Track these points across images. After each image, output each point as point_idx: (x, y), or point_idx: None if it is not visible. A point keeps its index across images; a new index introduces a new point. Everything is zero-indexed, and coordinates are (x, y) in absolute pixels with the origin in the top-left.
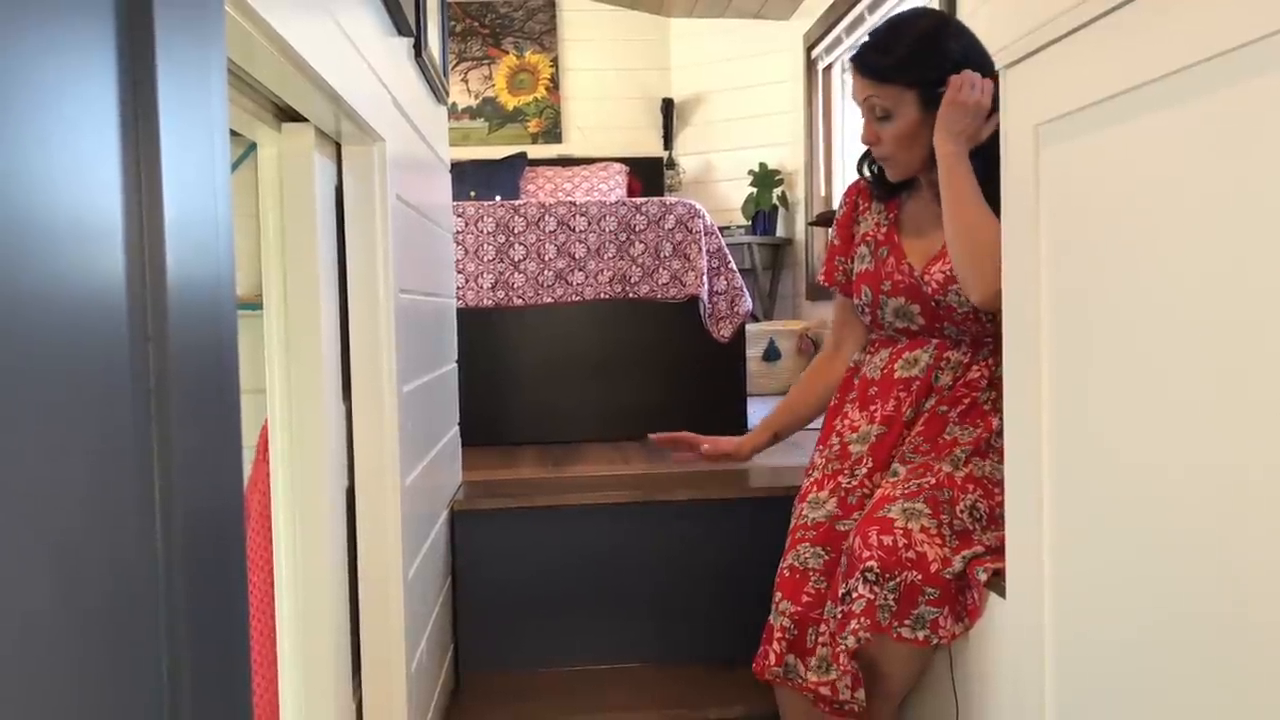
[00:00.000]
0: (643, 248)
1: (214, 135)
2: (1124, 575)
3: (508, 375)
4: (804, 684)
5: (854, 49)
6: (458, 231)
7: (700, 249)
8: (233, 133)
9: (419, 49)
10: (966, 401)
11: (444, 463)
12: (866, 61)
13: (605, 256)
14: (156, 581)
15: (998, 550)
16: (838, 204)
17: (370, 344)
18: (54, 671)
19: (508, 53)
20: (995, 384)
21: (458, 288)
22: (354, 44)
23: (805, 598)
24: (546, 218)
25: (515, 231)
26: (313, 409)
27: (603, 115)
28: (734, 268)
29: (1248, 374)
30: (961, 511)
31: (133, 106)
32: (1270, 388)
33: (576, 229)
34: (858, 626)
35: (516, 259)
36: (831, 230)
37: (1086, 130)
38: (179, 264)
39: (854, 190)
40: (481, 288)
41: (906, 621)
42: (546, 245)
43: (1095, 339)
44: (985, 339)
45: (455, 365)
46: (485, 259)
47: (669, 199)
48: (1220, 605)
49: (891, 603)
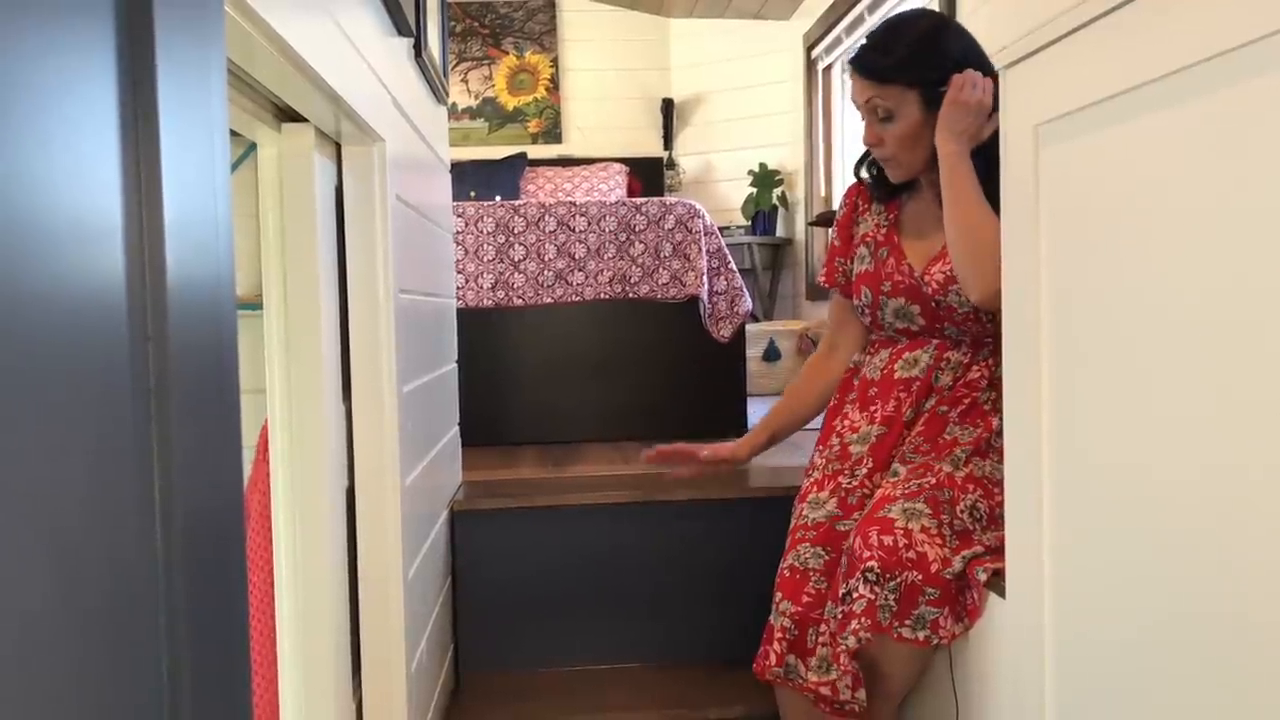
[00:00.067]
0: (643, 248)
1: (214, 135)
2: (1124, 575)
3: (508, 375)
4: (804, 684)
5: (854, 49)
6: (458, 232)
7: (700, 249)
8: (233, 133)
9: (419, 49)
10: (967, 402)
11: (444, 463)
12: (867, 63)
13: (605, 257)
14: (156, 581)
15: (998, 550)
16: (838, 204)
17: (370, 344)
18: (54, 671)
19: (508, 53)
20: (995, 384)
21: (458, 288)
22: (354, 44)
23: (806, 598)
24: (546, 218)
25: (515, 232)
26: (313, 409)
27: (603, 115)
28: (734, 268)
29: (1248, 373)
30: (962, 511)
31: (133, 107)
32: (1271, 387)
33: (576, 229)
34: (858, 626)
35: (516, 259)
36: (832, 231)
37: (1086, 130)
38: (179, 264)
39: (854, 191)
40: (481, 288)
41: (907, 622)
42: (546, 245)
43: (1095, 339)
44: (985, 339)
45: (455, 365)
46: (485, 259)
47: (669, 199)
48: (1220, 605)
49: (892, 603)
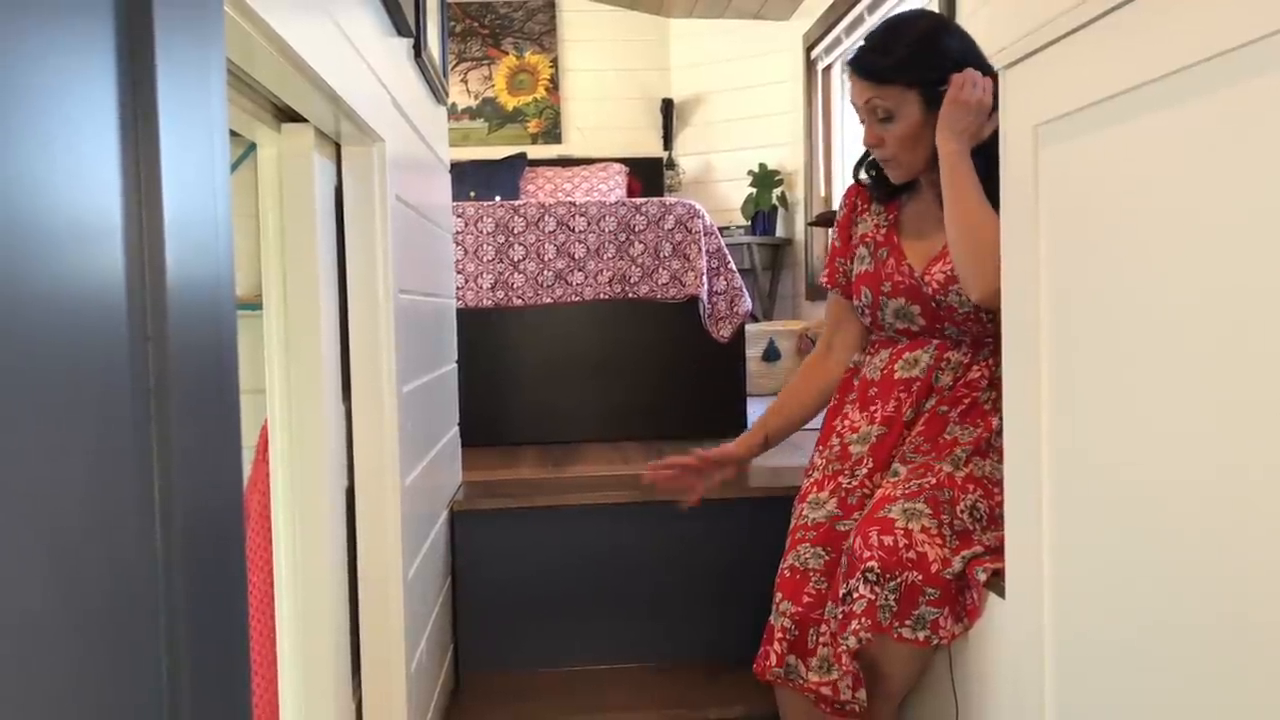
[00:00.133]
0: (642, 248)
1: (213, 135)
2: (1123, 575)
3: (507, 375)
4: (805, 684)
5: (853, 50)
6: (457, 232)
7: (700, 249)
8: (232, 133)
9: (418, 49)
10: (967, 401)
11: (444, 463)
12: (866, 64)
13: (605, 257)
14: (156, 581)
15: (997, 550)
16: (837, 205)
17: (370, 344)
18: (53, 671)
19: (507, 53)
20: (995, 384)
21: (457, 288)
22: (353, 44)
23: (806, 598)
24: (546, 218)
25: (515, 232)
26: (312, 409)
27: (602, 116)
28: (733, 268)
29: (1248, 373)
30: (962, 512)
31: (132, 107)
32: (1271, 387)
33: (576, 229)
34: (859, 627)
35: (516, 259)
36: (833, 231)
37: (1086, 130)
38: (178, 264)
39: (853, 191)
40: (481, 288)
41: (907, 622)
42: (546, 245)
43: (1095, 339)
44: (986, 339)
45: (455, 365)
46: (485, 259)
47: (668, 199)
48: (1220, 605)
49: (892, 603)
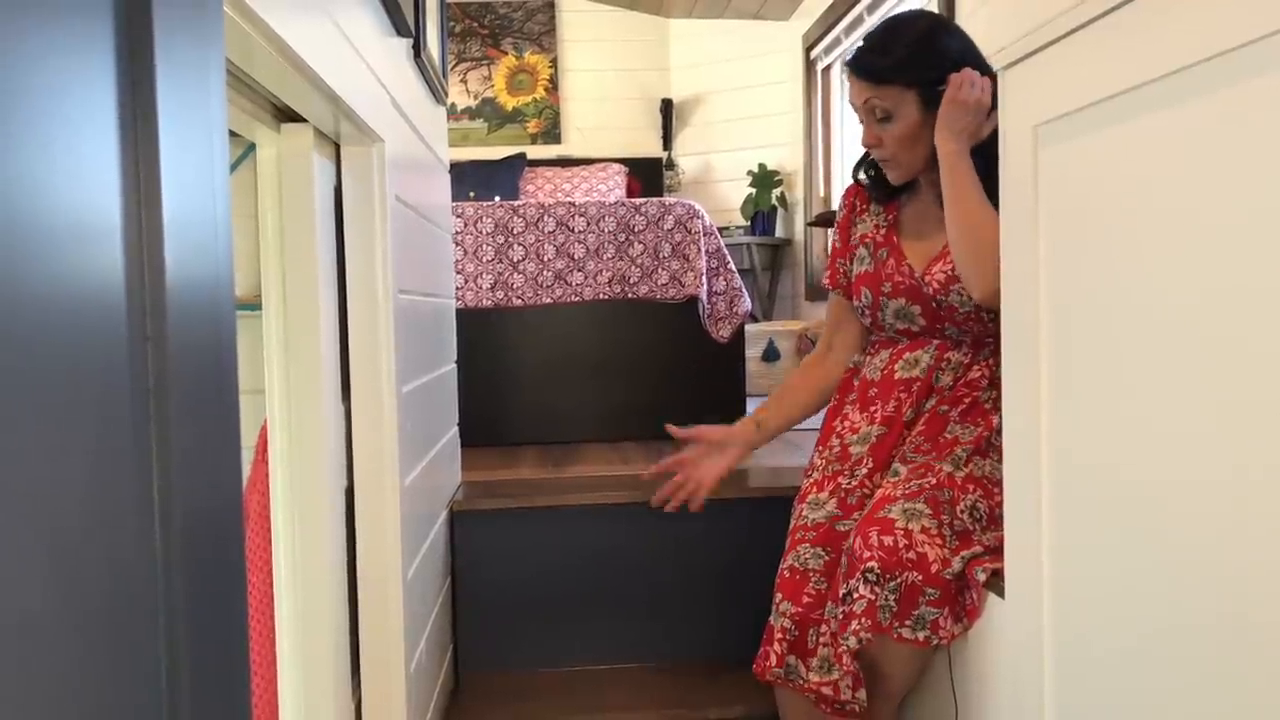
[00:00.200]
0: (642, 248)
1: (213, 136)
2: (1123, 575)
3: (507, 376)
4: (805, 684)
5: (852, 50)
6: (457, 232)
7: (699, 249)
8: (231, 133)
9: (418, 49)
10: (967, 401)
11: (443, 463)
12: (864, 64)
13: (604, 257)
14: (155, 581)
15: (997, 550)
16: (837, 205)
17: (369, 344)
18: (53, 671)
19: (507, 53)
20: (996, 383)
21: (457, 288)
22: (353, 44)
23: (806, 598)
24: (545, 218)
25: (514, 232)
26: (312, 409)
27: (602, 116)
28: (733, 268)
29: (1248, 374)
30: (962, 512)
31: (132, 107)
32: (1272, 388)
33: (575, 230)
34: (859, 627)
35: (515, 260)
36: (833, 232)
37: (1085, 131)
38: (178, 264)
39: (852, 191)
40: (481, 288)
41: (907, 622)
42: (545, 246)
43: (1094, 340)
44: (986, 339)
45: (454, 366)
46: (484, 259)
47: (668, 199)
48: (1220, 605)
49: (892, 603)
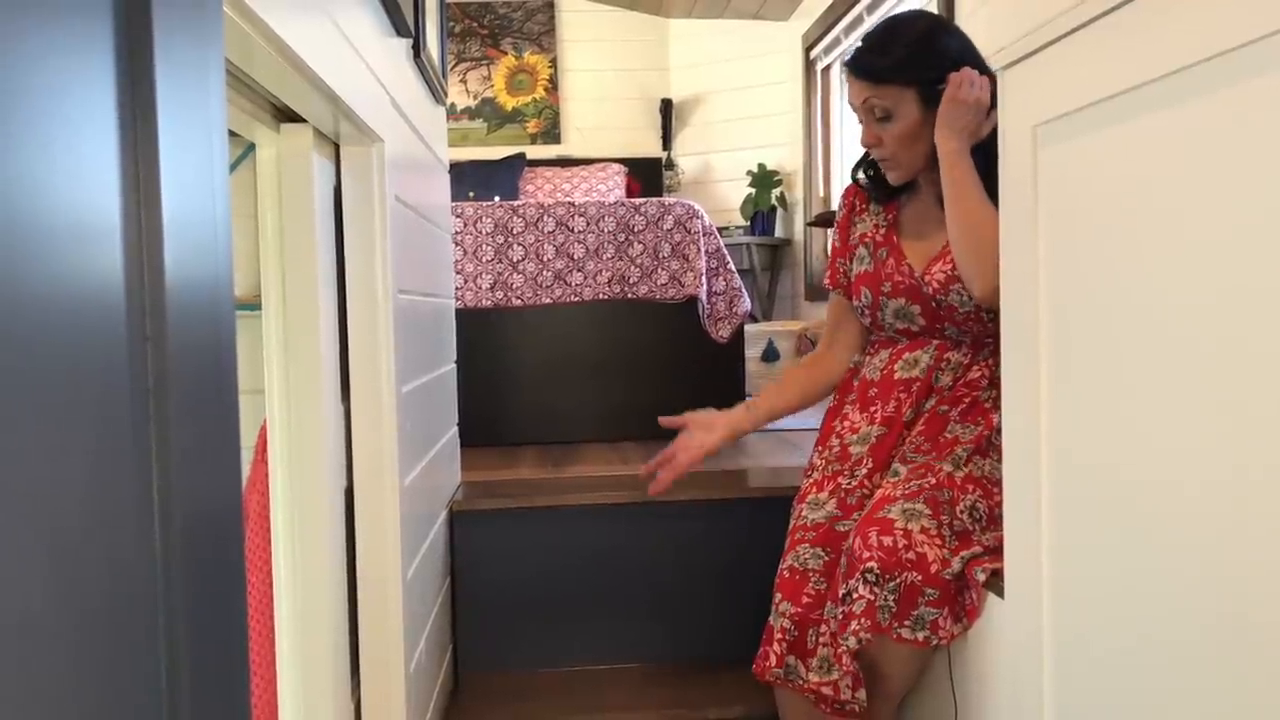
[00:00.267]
0: (641, 248)
1: (212, 136)
2: (1123, 575)
3: (506, 376)
4: (805, 685)
5: (851, 51)
6: (456, 232)
7: (699, 249)
8: (231, 133)
9: (417, 49)
10: (967, 401)
11: (443, 463)
12: (864, 64)
13: (604, 257)
14: (155, 581)
15: (996, 550)
16: (836, 205)
17: (369, 344)
18: (52, 671)
19: (506, 53)
20: (996, 383)
21: (456, 288)
22: (352, 44)
23: (805, 599)
24: (545, 218)
25: (514, 232)
26: (311, 409)
27: (601, 116)
28: (732, 268)
29: (1248, 374)
30: (961, 512)
31: (131, 107)
32: (1271, 387)
33: (575, 230)
34: (858, 627)
35: (515, 260)
36: (833, 232)
37: (1085, 131)
38: (177, 264)
39: (851, 191)
40: (480, 288)
41: (906, 622)
42: (545, 246)
43: (1094, 339)
44: (986, 339)
45: (454, 366)
46: (484, 259)
47: (668, 199)
48: (1219, 605)
49: (891, 603)
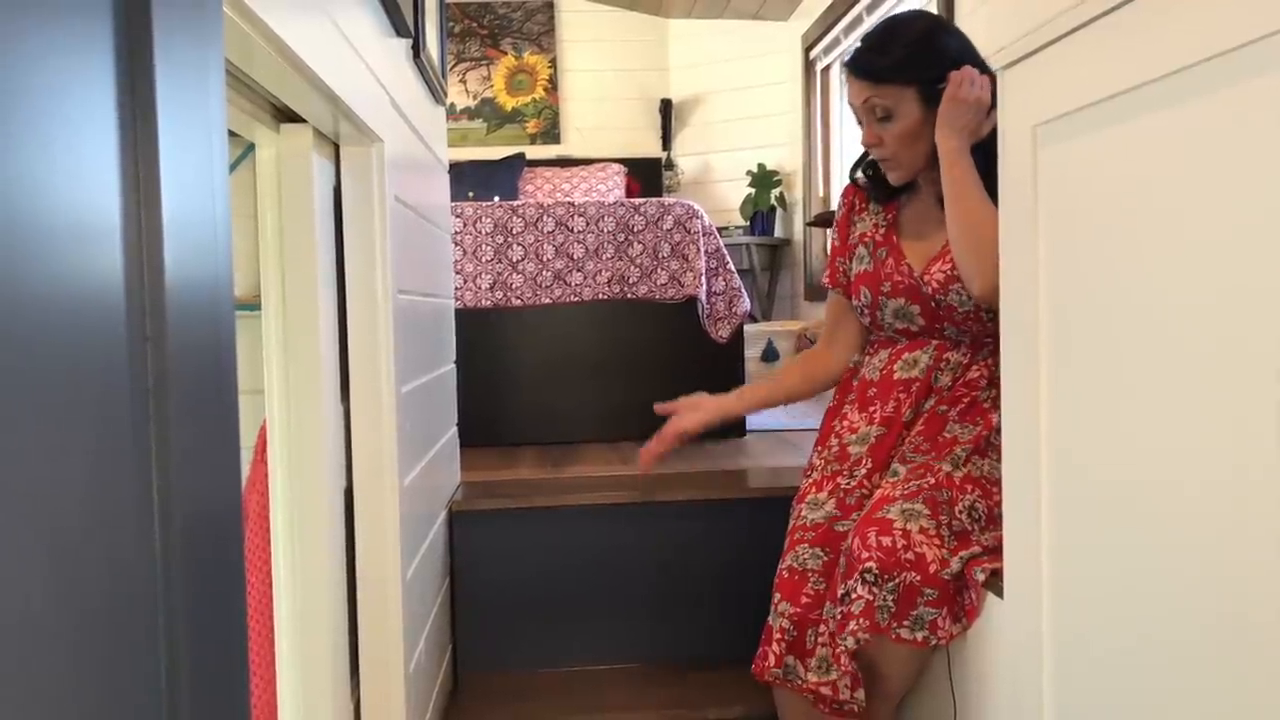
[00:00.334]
0: (641, 248)
1: (212, 136)
2: (1122, 575)
3: (506, 376)
4: (804, 685)
5: (851, 51)
6: (456, 232)
7: (698, 249)
8: (231, 133)
9: (417, 50)
10: (966, 401)
11: (442, 463)
12: (864, 64)
13: (603, 257)
14: (155, 581)
15: (996, 551)
16: (836, 205)
17: (368, 344)
18: (52, 671)
19: (506, 53)
20: (995, 383)
21: (456, 288)
22: (352, 45)
23: (804, 599)
24: (545, 218)
25: (513, 232)
26: (311, 409)
27: (601, 116)
28: (732, 268)
29: (1248, 374)
30: (960, 512)
31: (131, 107)
32: (1271, 388)
33: (575, 230)
34: (857, 627)
35: (515, 260)
36: (832, 231)
37: (1085, 131)
38: (177, 264)
39: (850, 190)
40: (480, 288)
41: (905, 622)
42: (545, 246)
43: (1094, 340)
44: (985, 339)
45: (454, 366)
46: (483, 260)
47: (667, 200)
48: (1219, 605)
49: (890, 603)
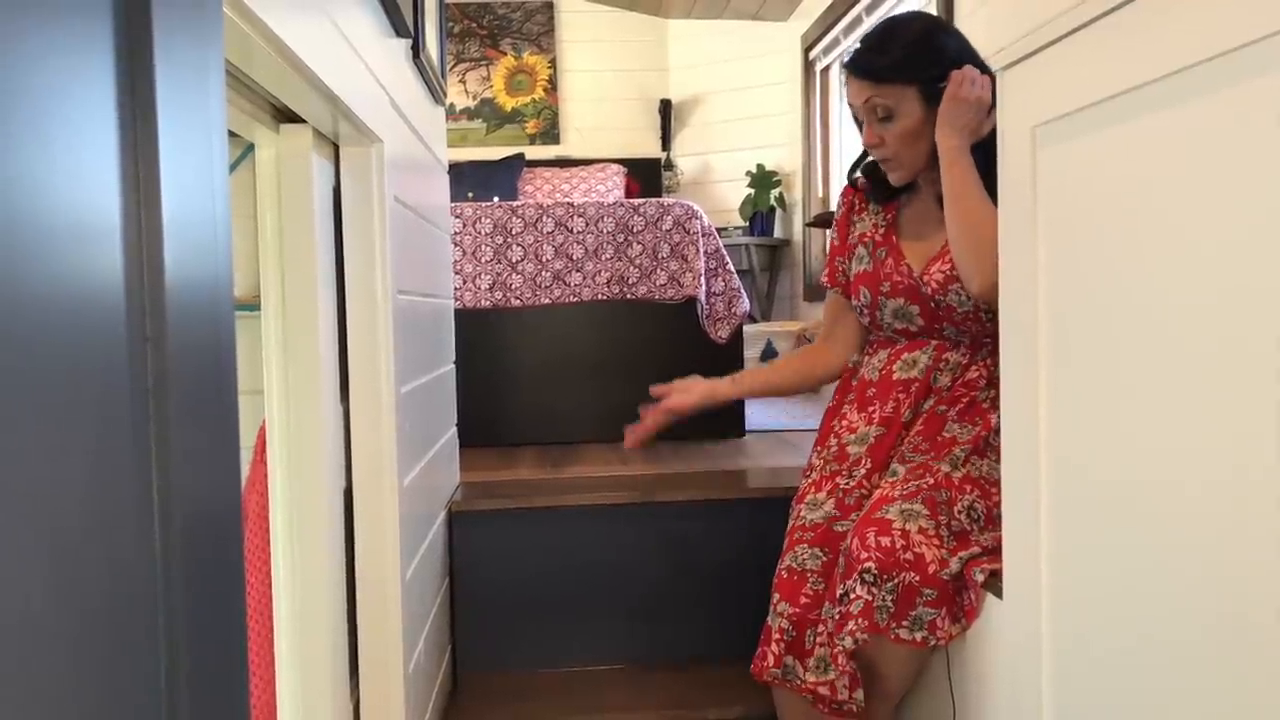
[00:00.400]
0: (640, 249)
1: (212, 136)
2: (1122, 576)
3: (506, 376)
4: (803, 685)
5: (850, 52)
6: (455, 232)
7: (698, 250)
8: (231, 133)
9: (417, 50)
10: (965, 401)
11: (442, 463)
12: (863, 64)
13: (603, 258)
14: (154, 582)
15: (995, 551)
16: (835, 205)
17: (368, 345)
18: (52, 671)
19: (506, 54)
20: (994, 383)
21: (455, 289)
22: (352, 45)
23: (803, 599)
24: (544, 219)
25: (513, 233)
26: (310, 410)
27: (601, 116)
28: (731, 269)
29: (1247, 375)
30: (959, 512)
31: (131, 108)
32: (1271, 388)
33: (574, 230)
34: (855, 627)
35: (514, 260)
36: (832, 231)
37: (1085, 131)
38: (177, 265)
39: (850, 190)
40: (479, 289)
41: (904, 623)
42: (544, 246)
43: (1093, 341)
44: (984, 339)
45: (453, 366)
46: (483, 260)
47: (667, 200)
48: (1219, 605)
49: (889, 604)
